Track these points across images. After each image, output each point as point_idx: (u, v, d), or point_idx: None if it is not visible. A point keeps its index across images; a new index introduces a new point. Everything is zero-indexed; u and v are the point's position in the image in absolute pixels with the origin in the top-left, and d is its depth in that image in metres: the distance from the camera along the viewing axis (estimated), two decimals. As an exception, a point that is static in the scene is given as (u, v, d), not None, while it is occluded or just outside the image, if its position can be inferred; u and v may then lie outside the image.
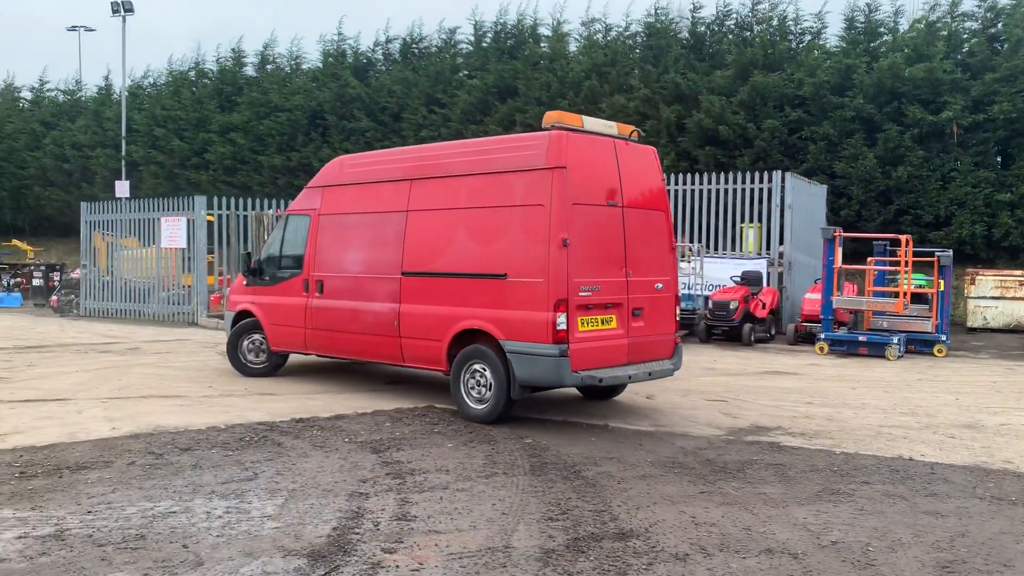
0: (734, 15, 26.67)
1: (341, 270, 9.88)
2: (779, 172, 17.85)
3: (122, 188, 29.13)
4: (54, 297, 21.90)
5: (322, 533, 5.18)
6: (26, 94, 41.54)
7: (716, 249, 18.66)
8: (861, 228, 21.00)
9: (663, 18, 27.34)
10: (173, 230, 19.02)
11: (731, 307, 15.24)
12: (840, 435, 8.11)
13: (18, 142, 37.01)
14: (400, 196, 9.30)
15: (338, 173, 10.34)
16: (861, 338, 14.13)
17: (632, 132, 8.82)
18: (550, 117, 8.26)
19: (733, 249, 18.48)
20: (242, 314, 11.10)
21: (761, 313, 15.72)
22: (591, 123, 8.49)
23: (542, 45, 29.45)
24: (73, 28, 46.75)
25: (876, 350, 13.84)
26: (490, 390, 8.32)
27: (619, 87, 25.68)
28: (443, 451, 7.23)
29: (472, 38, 30.78)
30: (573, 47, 28.97)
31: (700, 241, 18.33)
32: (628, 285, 8.46)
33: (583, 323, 7.98)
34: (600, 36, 28.58)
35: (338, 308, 9.81)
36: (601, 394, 9.61)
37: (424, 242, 9.00)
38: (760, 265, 16.94)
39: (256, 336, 10.99)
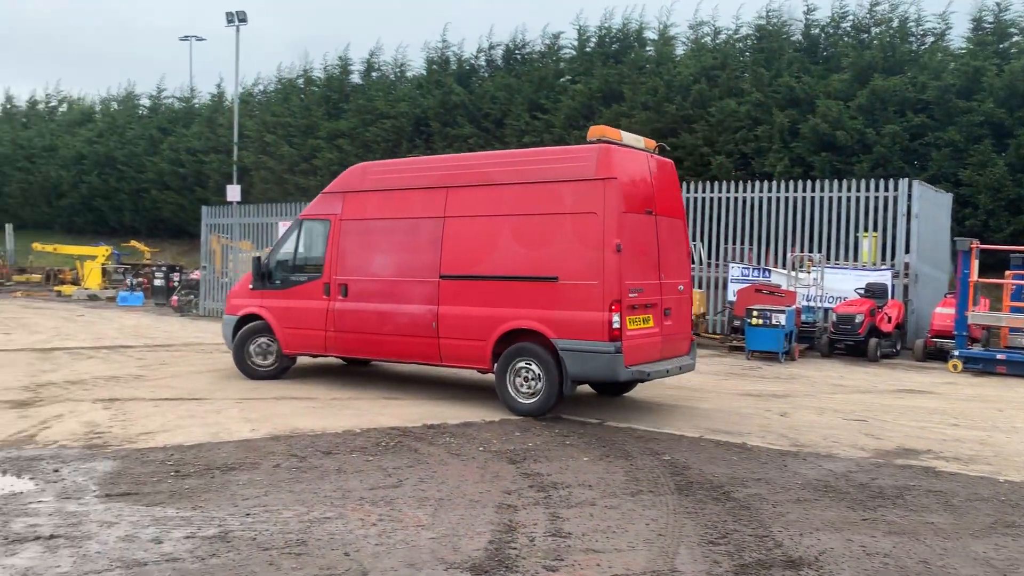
0: (851, 16, 25.79)
1: (368, 274, 10.13)
2: (905, 180, 17.05)
3: (233, 192, 30.20)
4: (174, 297, 22.80)
5: (479, 546, 5.11)
6: (144, 101, 43.59)
7: (828, 260, 17.95)
8: (988, 239, 19.88)
9: (775, 20, 26.66)
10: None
11: (856, 321, 14.63)
12: (998, 461, 7.61)
13: (138, 147, 38.81)
14: (435, 203, 9.65)
15: (360, 180, 10.51)
16: (1000, 356, 13.33)
17: (657, 146, 9.63)
18: (595, 131, 8.97)
19: (846, 259, 17.74)
20: (245, 318, 11.13)
21: (887, 327, 15.05)
22: (628, 138, 9.18)
23: (648, 49, 29.11)
24: (185, 38, 49.03)
25: (1016, 369, 13.03)
26: (540, 386, 8.85)
27: (729, 91, 25.13)
28: (580, 464, 7.10)
29: (576, 43, 30.67)
30: (680, 51, 28.53)
31: (814, 251, 17.64)
32: (661, 287, 9.28)
33: (631, 322, 8.65)
34: (708, 39, 28.06)
35: (366, 310, 10.05)
36: (614, 390, 10.16)
37: (464, 247, 9.42)
38: (884, 277, 16.21)
39: (263, 339, 11.01)
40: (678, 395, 10.63)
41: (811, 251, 17.59)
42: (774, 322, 14.09)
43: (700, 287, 18.01)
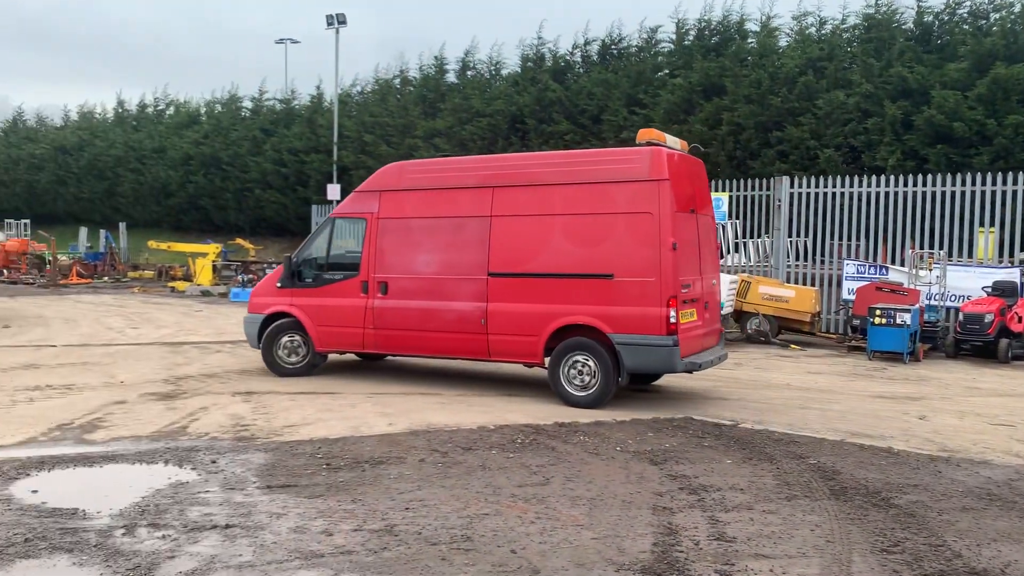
0: (967, 3, 24.62)
1: (409, 271, 10.25)
2: (1034, 172, 16.18)
3: (333, 191, 30.93)
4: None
5: (644, 548, 5.08)
6: (247, 103, 45.02)
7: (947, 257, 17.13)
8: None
9: (885, 9, 25.69)
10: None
11: (986, 320, 13.98)
12: None
13: (241, 148, 40.11)
14: (481, 202, 9.88)
15: (397, 179, 10.62)
16: None
17: (690, 148, 10.19)
18: (643, 135, 9.49)
19: (960, 256, 16.92)
20: (272, 316, 11.16)
21: (1017, 327, 14.30)
22: (669, 140, 9.66)
23: (749, 41, 28.45)
24: (281, 41, 50.38)
25: None
26: (595, 379, 9.23)
27: (836, 82, 24.34)
28: (725, 467, 6.98)
29: (674, 37, 30.24)
30: (783, 42, 27.78)
31: (927, 247, 16.86)
32: (702, 282, 9.76)
33: (682, 316, 9.06)
34: (813, 30, 27.25)
35: (408, 308, 10.18)
36: (645, 380, 10.45)
37: (513, 245, 9.67)
38: (1013, 275, 15.43)
39: (293, 337, 11.04)
40: (807, 396, 10.37)
41: (923, 248, 16.88)
42: (898, 321, 13.58)
43: (812, 284, 17.53)
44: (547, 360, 9.61)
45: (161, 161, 43.09)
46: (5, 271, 34.24)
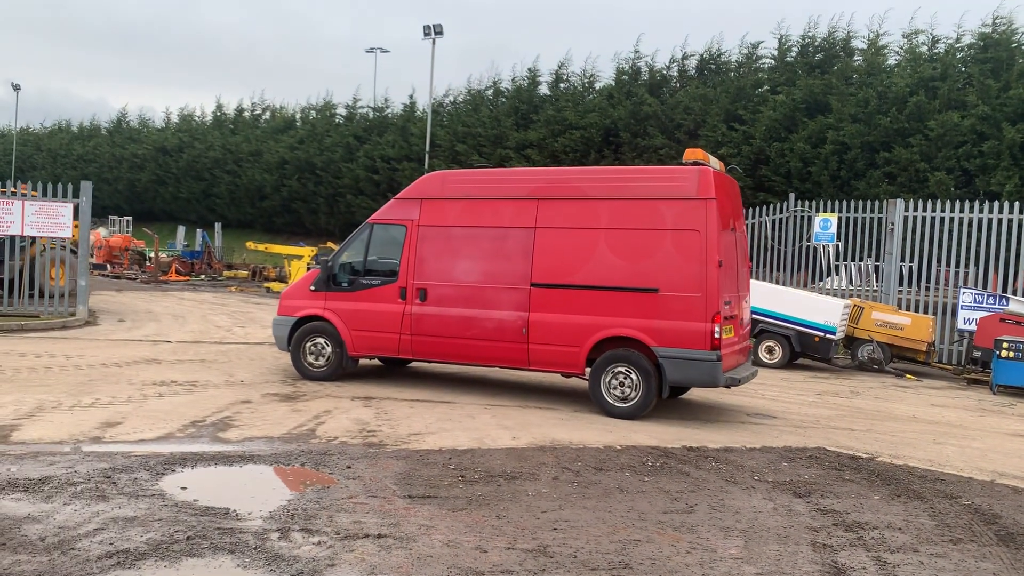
0: (1095, 22, 23.43)
1: (450, 279, 10.30)
2: None
3: (424, 198, 31.30)
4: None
5: (813, 587, 4.84)
6: (340, 111, 45.98)
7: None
8: None
9: (1002, 28, 24.66)
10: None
11: (1123, 358, 13.15)
12: None
13: (335, 154, 40.97)
14: (525, 213, 10.00)
15: (439, 188, 10.63)
16: None
17: (728, 168, 10.41)
18: (690, 154, 9.57)
19: None
20: (304, 319, 11.07)
21: None
22: (712, 160, 9.74)
23: (856, 59, 27.70)
24: (371, 50, 51.37)
25: None
26: (636, 390, 9.38)
27: (950, 103, 23.45)
28: (873, 504, 6.67)
29: (775, 52, 29.66)
30: (892, 60, 26.95)
31: None
32: (738, 299, 9.97)
33: (724, 332, 9.19)
34: (925, 48, 26.35)
35: (447, 315, 10.22)
36: (675, 393, 10.47)
37: (557, 257, 9.79)
38: None
39: (318, 340, 10.94)
40: (938, 430, 9.89)
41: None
42: (1028, 356, 12.89)
43: (924, 311, 16.84)
44: (588, 371, 9.72)
45: (257, 164, 44.33)
46: (108, 266, 35.61)
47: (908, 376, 14.74)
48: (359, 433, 8.19)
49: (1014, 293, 16.36)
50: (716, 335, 9.01)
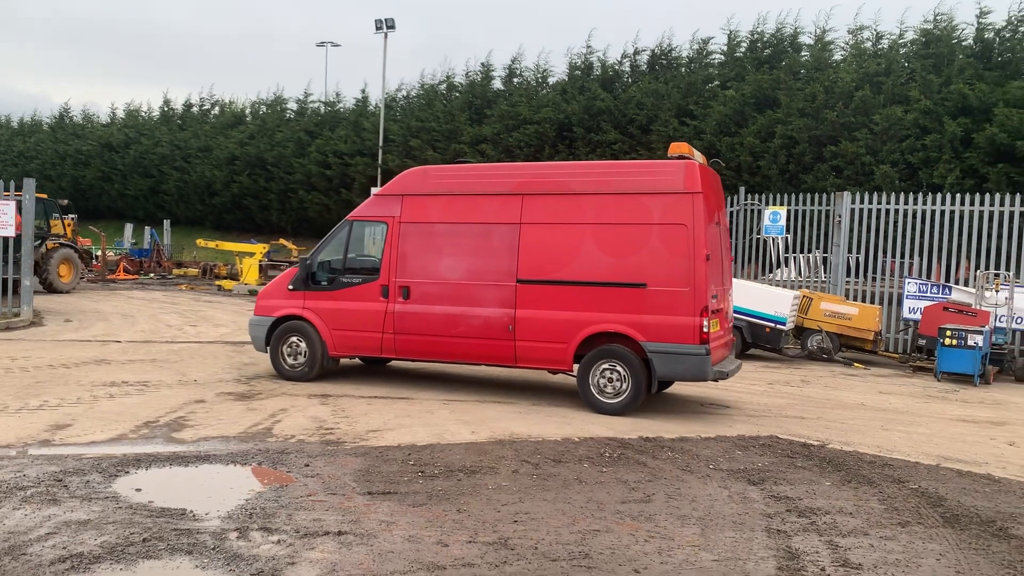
0: (1030, 19, 24.20)
1: (433, 276, 10.20)
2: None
3: (377, 194, 31.07)
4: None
5: (769, 572, 4.96)
6: (291, 105, 45.38)
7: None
8: None
9: (944, 24, 25.34)
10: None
11: (1060, 345, 13.64)
12: None
13: (286, 149, 40.43)
14: (510, 209, 9.92)
15: (421, 183, 10.49)
16: None
17: (710, 161, 10.31)
18: (675, 148, 9.60)
19: (1016, 277, 16.48)
20: (282, 319, 10.89)
21: (1091, 353, 13.97)
22: (696, 155, 9.82)
23: (803, 54, 28.21)
24: (322, 44, 50.73)
25: None
26: (625, 386, 9.37)
27: (894, 98, 24.03)
28: (825, 489, 6.83)
29: (725, 48, 30.07)
30: (838, 56, 27.52)
31: (982, 268, 16.44)
32: (723, 292, 10.00)
33: (712, 326, 9.24)
34: (869, 44, 26.95)
35: (431, 313, 10.13)
36: (659, 388, 10.37)
37: (543, 252, 9.73)
38: (1084, 298, 15.05)
39: (292, 340, 10.77)
40: (886, 417, 10.16)
41: (980, 267, 16.48)
42: (970, 343, 13.31)
43: (870, 301, 17.25)
44: (575, 367, 9.70)
45: (206, 160, 43.55)
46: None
47: (856, 365, 15.10)
48: (317, 431, 8.13)
49: (957, 282, 16.84)
50: (704, 329, 9.04)
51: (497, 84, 36.41)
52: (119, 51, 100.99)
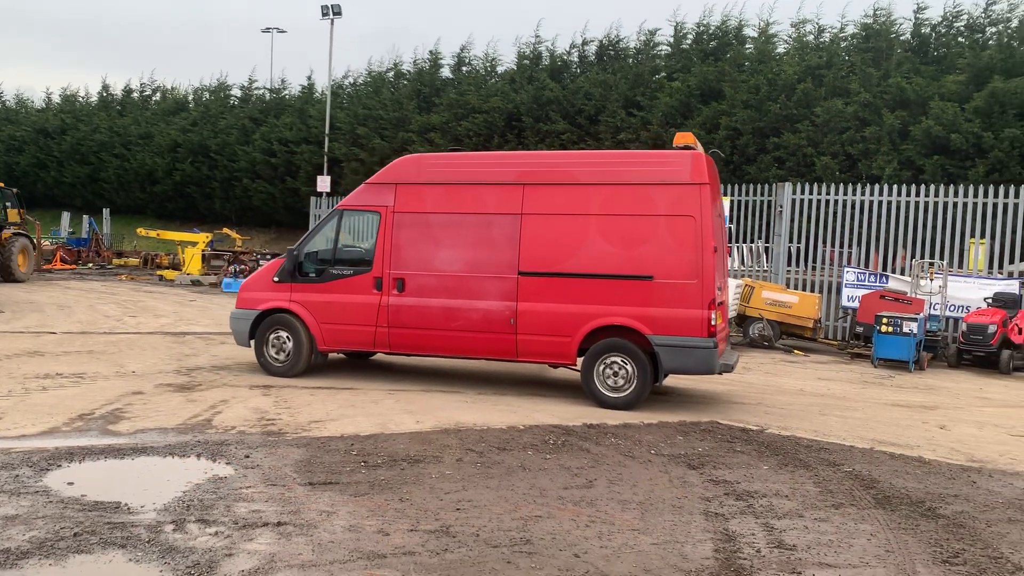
0: (965, 16, 24.95)
1: (430, 268, 9.94)
2: (1036, 186, 16.38)
3: (323, 183, 30.60)
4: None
5: (706, 554, 5.05)
6: (236, 92, 44.49)
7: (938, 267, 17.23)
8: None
9: (882, 19, 25.91)
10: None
11: (989, 331, 14.12)
12: None
13: (230, 137, 39.60)
14: (510, 199, 9.70)
15: (415, 172, 10.22)
16: None
17: (711, 152, 10.33)
18: (680, 138, 9.62)
19: (950, 267, 17.04)
20: (267, 313, 10.49)
21: (1018, 339, 14.47)
22: (698, 145, 9.88)
23: (747, 47, 28.59)
24: (267, 30, 49.82)
25: None
26: (631, 380, 9.22)
27: (835, 91, 24.51)
28: (762, 473, 6.97)
29: (671, 40, 30.32)
30: (781, 49, 27.96)
31: (919, 256, 16.92)
32: (724, 284, 10.01)
33: (717, 318, 9.20)
34: (811, 38, 27.45)
35: (428, 306, 9.87)
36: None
37: (546, 244, 9.54)
38: (1012, 287, 15.61)
39: (280, 335, 10.41)
40: (824, 403, 10.40)
41: (916, 256, 16.97)
42: (905, 330, 13.69)
43: (811, 290, 17.63)
44: (579, 361, 9.53)
45: (147, 147, 42.45)
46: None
47: (796, 352, 15.43)
48: (258, 422, 8.02)
49: (894, 272, 17.30)
50: (712, 322, 8.96)
51: (446, 73, 36.18)
52: (52, 34, 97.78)
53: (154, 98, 48.59)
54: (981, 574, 4.91)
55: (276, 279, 10.59)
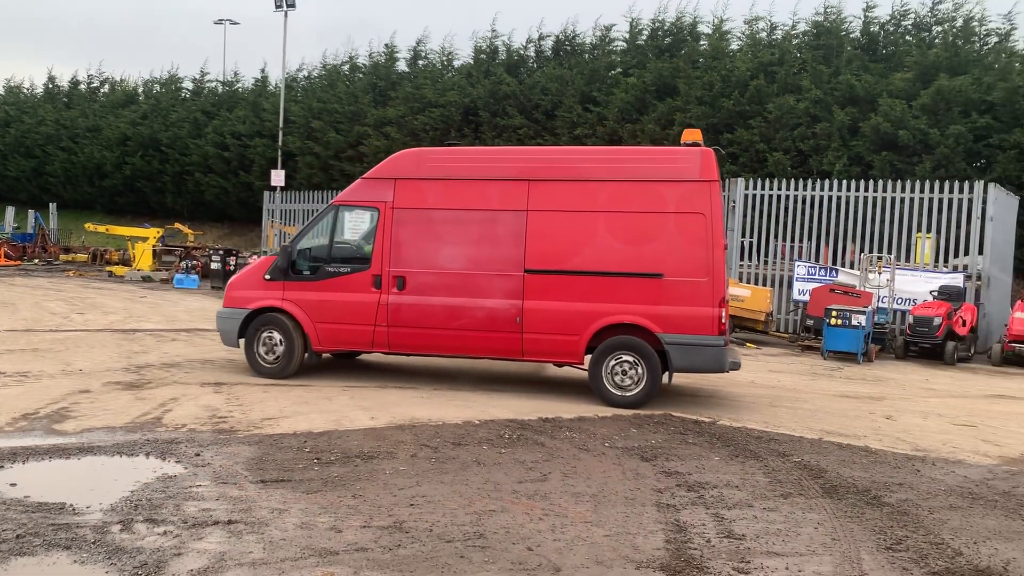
0: (912, 15, 25.52)
1: (432, 266, 9.73)
2: (980, 182, 16.86)
3: (277, 177, 30.20)
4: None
5: (657, 545, 5.11)
6: (187, 84, 43.76)
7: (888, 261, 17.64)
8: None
9: (833, 17, 26.38)
10: (353, 221, 19.49)
11: (935, 323, 14.50)
12: None
13: (181, 130, 38.96)
14: (515, 195, 9.53)
15: (415, 167, 9.99)
16: (1086, 364, 13.17)
17: (714, 148, 9.73)
18: (689, 135, 9.48)
19: (897, 260, 17.46)
20: (258, 312, 10.12)
21: (962, 331, 14.91)
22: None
23: (702, 44, 28.90)
24: (219, 21, 49.04)
25: (1102, 378, 12.89)
26: (640, 378, 9.14)
27: (787, 87, 24.90)
28: (714, 464, 7.08)
29: (627, 36, 30.52)
30: (735, 46, 28.31)
31: (869, 251, 17.30)
32: (727, 282, 9.79)
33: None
34: (764, 35, 27.84)
35: (431, 305, 9.65)
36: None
37: (552, 241, 9.41)
38: (957, 280, 16.04)
39: (269, 334, 10.06)
40: (774, 394, 10.59)
41: (865, 251, 17.34)
42: (854, 323, 13.99)
43: (762, 284, 17.91)
44: (586, 359, 9.42)
45: (95, 141, 41.60)
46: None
47: (748, 344, 15.67)
48: (209, 420, 7.90)
49: (843, 265, 17.66)
50: (723, 320, 8.95)
51: (402, 66, 36.02)
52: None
53: (102, 90, 47.67)
54: (923, 559, 5.04)
55: (267, 277, 10.20)
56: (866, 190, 17.78)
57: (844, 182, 18.20)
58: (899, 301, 16.32)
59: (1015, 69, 21.98)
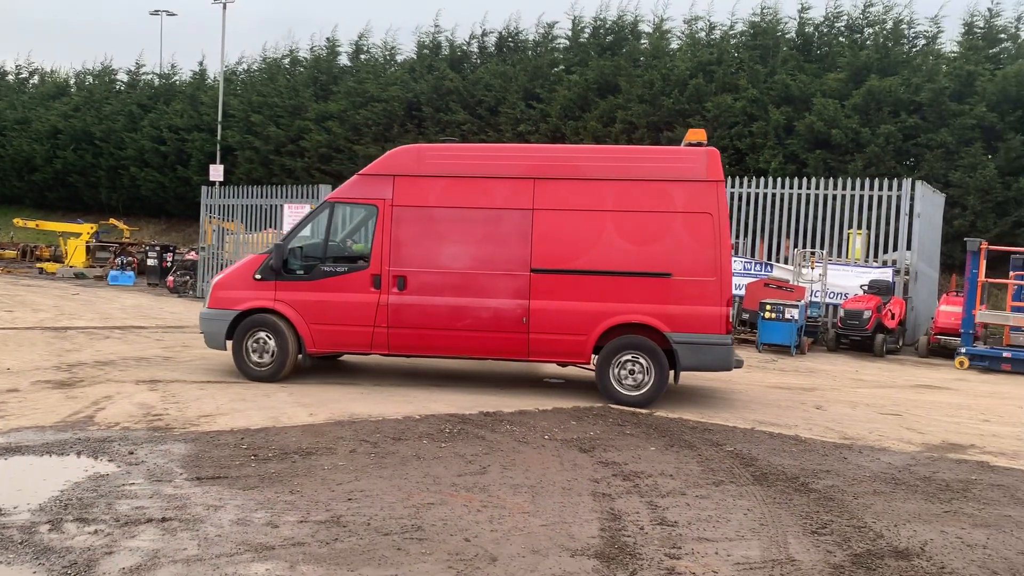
0: (844, 16, 26.18)
1: (435, 265, 9.60)
2: (908, 180, 17.42)
3: (216, 172, 29.60)
4: (170, 278, 22.45)
5: (592, 533, 5.21)
6: (122, 76, 42.61)
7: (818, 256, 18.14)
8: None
9: (769, 18, 26.93)
10: (296, 217, 19.31)
11: (864, 316, 14.96)
12: (1041, 457, 7.90)
13: (116, 123, 37.89)
14: (521, 194, 9.46)
15: (415, 163, 9.79)
16: (1006, 354, 13.75)
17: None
18: (693, 135, 9.49)
19: (830, 256, 17.97)
20: (247, 313, 9.78)
21: (891, 324, 15.41)
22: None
23: (642, 42, 29.23)
24: (155, 12, 47.82)
25: (1020, 367, 13.46)
26: (648, 378, 9.20)
27: (725, 87, 25.36)
28: (650, 454, 7.23)
29: (570, 33, 30.69)
30: (675, 45, 28.69)
31: (803, 247, 17.78)
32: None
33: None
34: (703, 35, 28.28)
35: (433, 305, 9.51)
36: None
37: (559, 241, 9.39)
38: (886, 274, 16.57)
39: (260, 335, 9.73)
40: (711, 386, 10.82)
41: (800, 247, 17.81)
42: (787, 316, 14.36)
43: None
44: (593, 359, 9.45)
45: (24, 133, 40.18)
46: None
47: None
48: (143, 418, 7.78)
49: (778, 261, 18.09)
50: (731, 319, 9.13)
51: (344, 60, 35.59)
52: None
53: (31, 81, 46.12)
54: (846, 542, 5.24)
55: (258, 276, 9.80)
56: (800, 187, 18.24)
57: (780, 180, 18.63)
58: (831, 295, 16.78)
59: (941, 71, 22.73)
